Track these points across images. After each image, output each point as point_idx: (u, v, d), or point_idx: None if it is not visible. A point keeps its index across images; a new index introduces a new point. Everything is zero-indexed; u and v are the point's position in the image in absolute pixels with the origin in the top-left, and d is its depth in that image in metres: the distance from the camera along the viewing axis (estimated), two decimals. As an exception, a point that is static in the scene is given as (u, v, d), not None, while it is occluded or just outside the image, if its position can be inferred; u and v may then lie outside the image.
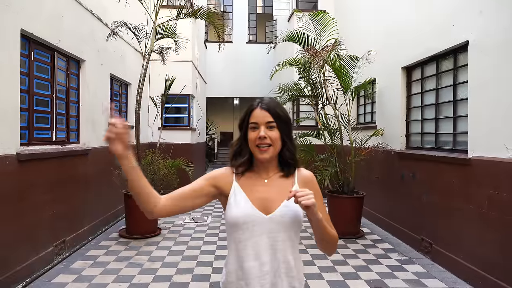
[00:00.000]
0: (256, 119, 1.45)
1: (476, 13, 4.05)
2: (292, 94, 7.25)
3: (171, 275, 4.34)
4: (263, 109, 1.46)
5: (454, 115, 4.61)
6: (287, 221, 1.44)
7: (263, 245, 1.43)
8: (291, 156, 1.51)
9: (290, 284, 1.45)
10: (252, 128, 1.46)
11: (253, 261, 1.43)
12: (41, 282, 4.06)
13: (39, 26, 4.28)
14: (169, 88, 6.83)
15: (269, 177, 1.51)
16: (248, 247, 1.43)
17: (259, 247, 1.43)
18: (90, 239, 5.60)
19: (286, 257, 1.45)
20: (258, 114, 1.46)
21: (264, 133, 1.43)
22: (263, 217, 1.43)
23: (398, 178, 5.85)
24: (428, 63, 5.25)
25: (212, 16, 6.47)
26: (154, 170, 5.98)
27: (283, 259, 1.44)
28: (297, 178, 1.53)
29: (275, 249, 1.43)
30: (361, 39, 7.49)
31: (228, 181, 1.51)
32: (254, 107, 1.48)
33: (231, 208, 1.46)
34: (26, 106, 4.22)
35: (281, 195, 1.44)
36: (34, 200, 4.19)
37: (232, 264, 1.46)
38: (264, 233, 1.43)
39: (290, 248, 1.46)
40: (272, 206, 1.44)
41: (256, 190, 1.48)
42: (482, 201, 3.90)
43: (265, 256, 1.43)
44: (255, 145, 1.45)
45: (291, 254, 1.46)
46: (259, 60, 15.97)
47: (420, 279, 4.27)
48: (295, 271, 1.46)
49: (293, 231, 1.47)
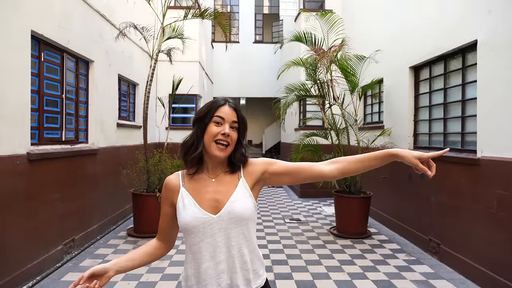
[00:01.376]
0: (223, 115, 1.46)
1: (485, 12, 4.02)
2: (299, 94, 7.26)
3: (179, 274, 4.37)
4: (232, 107, 1.48)
5: (463, 115, 4.59)
6: (236, 217, 1.44)
7: (217, 245, 1.44)
8: (241, 159, 1.52)
9: (245, 277, 1.45)
10: (215, 123, 1.46)
11: (209, 262, 1.44)
12: (50, 280, 4.11)
13: (49, 27, 4.33)
14: (177, 88, 6.87)
15: (216, 176, 1.51)
16: (202, 249, 1.44)
17: (212, 247, 1.44)
18: (98, 237, 5.66)
19: (240, 252, 1.45)
20: (227, 111, 1.47)
21: (228, 130, 1.45)
22: (211, 217, 1.43)
23: (405, 178, 5.83)
24: (436, 63, 5.23)
25: (219, 16, 6.49)
26: (161, 169, 6.02)
27: (237, 255, 1.44)
28: (242, 171, 1.53)
29: (229, 246, 1.44)
30: (369, 39, 7.47)
31: (175, 190, 1.52)
32: (222, 104, 1.49)
33: (180, 214, 1.46)
34: (36, 106, 4.27)
35: (228, 192, 1.46)
36: (44, 199, 4.25)
37: (190, 268, 1.47)
38: (215, 232, 1.44)
39: (244, 242, 1.46)
40: (220, 205, 1.45)
41: (205, 191, 1.48)
42: (491, 201, 3.87)
43: (219, 255, 1.44)
44: (213, 139, 1.45)
45: (246, 247, 1.46)
46: (265, 60, 15.99)
47: (428, 279, 4.25)
48: (249, 264, 1.46)
49: (245, 225, 1.46)
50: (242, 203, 1.45)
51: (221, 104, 1.48)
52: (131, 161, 6.51)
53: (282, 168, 1.53)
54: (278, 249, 5.33)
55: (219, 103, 1.49)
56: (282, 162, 1.55)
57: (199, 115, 1.50)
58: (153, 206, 5.80)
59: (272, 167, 1.53)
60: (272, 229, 6.46)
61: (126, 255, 1.52)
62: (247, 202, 1.46)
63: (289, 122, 10.60)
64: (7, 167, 3.59)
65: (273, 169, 1.53)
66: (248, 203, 1.47)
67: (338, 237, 5.93)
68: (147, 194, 5.84)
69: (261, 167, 1.53)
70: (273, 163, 1.55)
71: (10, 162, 3.62)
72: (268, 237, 5.92)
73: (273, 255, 5.05)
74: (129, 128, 7.26)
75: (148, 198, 5.80)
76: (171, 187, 1.53)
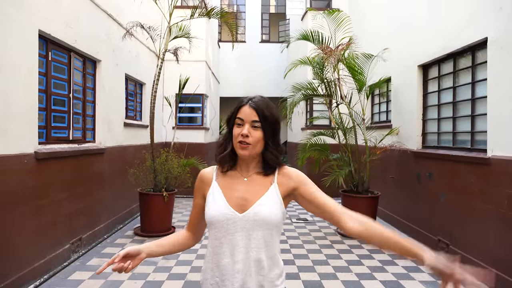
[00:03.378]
0: (242, 116, 1.46)
1: (496, 9, 3.95)
2: (306, 93, 7.22)
3: (186, 273, 4.37)
4: (251, 107, 1.46)
5: (472, 114, 4.52)
6: (261, 220, 1.43)
7: (237, 244, 1.44)
8: (273, 158, 1.49)
9: (259, 283, 1.43)
10: (237, 124, 1.47)
11: (228, 258, 1.44)
12: (58, 278, 4.12)
13: (57, 27, 4.35)
14: (183, 88, 6.87)
15: (249, 176, 1.51)
16: (223, 244, 1.45)
17: (232, 245, 1.44)
18: (106, 236, 5.68)
19: (258, 256, 1.43)
20: (246, 111, 1.46)
21: (247, 131, 1.43)
22: (236, 216, 1.44)
23: (414, 177, 5.77)
24: (445, 61, 5.16)
25: (226, 15, 6.48)
26: (168, 169, 6.02)
27: (254, 258, 1.43)
28: (276, 177, 1.51)
29: (248, 247, 1.43)
30: (376, 37, 7.41)
31: (208, 183, 1.54)
32: (243, 104, 1.48)
33: (208, 207, 1.48)
34: (44, 105, 4.29)
35: (258, 193, 1.46)
36: (52, 198, 4.27)
37: (209, 261, 1.49)
38: (237, 231, 1.44)
39: (264, 247, 1.44)
40: (248, 205, 1.45)
41: (235, 188, 1.49)
42: (502, 201, 3.81)
43: (238, 254, 1.43)
44: (237, 141, 1.45)
45: (264, 253, 1.44)
46: (272, 60, 15.96)
47: (437, 280, 4.20)
48: (266, 271, 1.44)
49: (268, 230, 1.45)
50: (270, 207, 1.44)
51: (242, 105, 1.48)
52: (138, 160, 6.53)
53: (310, 196, 1.48)
54: (285, 249, 5.31)
55: (241, 103, 1.50)
56: (312, 189, 1.49)
57: (228, 117, 1.53)
58: (159, 205, 5.81)
59: (303, 188, 1.49)
60: (278, 228, 6.43)
61: (156, 241, 1.53)
62: (275, 208, 1.45)
63: (296, 121, 10.56)
64: (15, 166, 3.60)
65: (302, 191, 1.49)
66: (276, 209, 1.45)
67: (345, 237, 5.88)
68: (154, 194, 5.84)
69: (294, 183, 1.49)
70: (305, 184, 1.50)
71: (18, 161, 3.64)
72: (275, 237, 5.89)
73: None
74: (136, 127, 7.28)
75: (155, 197, 5.81)
76: (204, 179, 1.56)
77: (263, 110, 1.46)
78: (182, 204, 8.41)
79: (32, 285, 3.81)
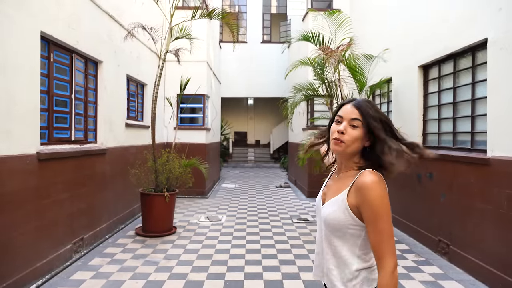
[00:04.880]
0: (342, 113, 1.48)
1: (495, 10, 3.97)
2: (307, 94, 7.24)
3: (187, 273, 4.39)
4: (353, 105, 1.47)
5: (472, 114, 4.53)
6: (325, 218, 1.49)
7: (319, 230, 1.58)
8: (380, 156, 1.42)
9: (326, 274, 1.51)
10: (336, 121, 1.50)
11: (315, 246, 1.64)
12: (60, 278, 4.15)
13: (58, 28, 4.38)
14: (184, 88, 6.89)
15: (340, 173, 1.55)
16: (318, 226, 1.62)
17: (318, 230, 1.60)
18: (107, 237, 5.70)
19: (325, 252, 1.51)
20: (346, 109, 1.48)
21: (343, 128, 1.44)
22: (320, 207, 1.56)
23: (414, 178, 5.78)
24: (445, 61, 5.17)
25: (227, 16, 6.50)
26: (169, 169, 6.04)
27: (326, 250, 1.51)
28: (353, 182, 1.43)
29: (321, 239, 1.54)
30: (377, 38, 7.42)
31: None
32: (346, 103, 1.52)
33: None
34: (46, 106, 4.32)
35: (335, 193, 1.50)
36: (53, 198, 4.29)
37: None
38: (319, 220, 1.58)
39: (328, 245, 1.49)
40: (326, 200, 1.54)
41: (329, 182, 1.61)
42: (502, 202, 3.82)
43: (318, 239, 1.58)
44: (332, 137, 1.48)
45: (330, 249, 1.49)
46: (273, 60, 15.98)
47: (437, 280, 4.21)
48: (332, 265, 1.48)
49: (330, 231, 1.47)
50: (332, 211, 1.46)
51: (345, 103, 1.52)
52: (140, 160, 6.56)
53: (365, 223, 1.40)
54: (285, 249, 5.32)
55: (343, 102, 1.54)
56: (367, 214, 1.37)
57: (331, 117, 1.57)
58: (161, 205, 5.84)
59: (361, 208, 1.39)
60: (279, 229, 6.45)
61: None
62: (338, 213, 1.44)
63: (296, 122, 10.58)
64: (18, 167, 3.63)
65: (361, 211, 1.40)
66: (338, 215, 1.43)
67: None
68: (155, 194, 5.87)
69: (356, 198, 1.40)
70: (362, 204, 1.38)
71: (20, 162, 3.67)
72: (276, 237, 5.91)
73: (280, 255, 5.04)
74: (137, 128, 7.30)
75: (156, 197, 5.84)
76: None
77: (367, 108, 1.45)
78: (183, 204, 8.44)
79: (34, 285, 3.84)
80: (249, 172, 16.13)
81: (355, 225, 1.42)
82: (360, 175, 1.41)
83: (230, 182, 12.69)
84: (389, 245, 1.32)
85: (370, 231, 1.35)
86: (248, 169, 17.20)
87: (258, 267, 4.61)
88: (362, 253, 1.44)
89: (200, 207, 8.18)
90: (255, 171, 16.38)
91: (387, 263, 1.31)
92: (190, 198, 9.14)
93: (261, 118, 20.85)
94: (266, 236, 5.95)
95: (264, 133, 20.89)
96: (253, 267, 4.59)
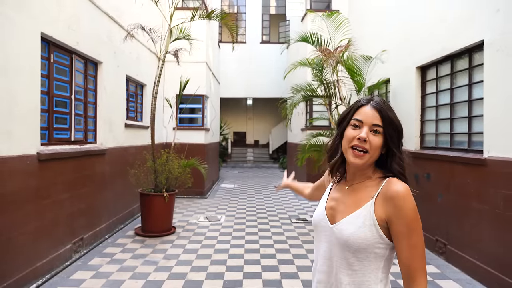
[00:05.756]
0: (362, 117, 1.27)
1: (493, 11, 4.00)
2: (306, 94, 7.28)
3: (186, 273, 4.42)
4: (374, 108, 1.27)
5: (469, 115, 4.57)
6: (342, 240, 1.25)
7: (323, 254, 1.33)
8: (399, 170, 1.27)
9: None
10: (353, 126, 1.28)
11: (316, 265, 1.37)
12: (60, 278, 4.17)
13: (59, 29, 4.40)
14: (184, 89, 6.92)
15: (352, 185, 1.33)
16: (316, 250, 1.39)
17: (319, 253, 1.35)
18: (107, 236, 5.73)
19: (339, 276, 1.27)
20: (366, 112, 1.27)
21: (365, 134, 1.24)
22: (327, 225, 1.32)
23: (412, 178, 5.80)
24: (443, 63, 5.21)
25: (226, 17, 6.53)
26: (169, 169, 6.07)
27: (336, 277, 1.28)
28: (379, 192, 1.25)
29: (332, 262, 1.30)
30: (375, 39, 7.46)
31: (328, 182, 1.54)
32: (362, 104, 1.30)
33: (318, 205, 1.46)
34: (46, 107, 4.34)
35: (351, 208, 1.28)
36: (53, 199, 4.32)
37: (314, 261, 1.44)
38: (323, 241, 1.33)
39: (346, 270, 1.25)
40: (337, 217, 1.30)
41: (336, 196, 1.36)
42: (498, 202, 3.86)
43: (323, 265, 1.32)
44: (350, 145, 1.27)
45: (346, 276, 1.25)
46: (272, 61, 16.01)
47: (435, 280, 4.24)
48: None
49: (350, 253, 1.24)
50: (356, 228, 1.23)
51: (362, 104, 1.30)
52: (139, 161, 6.58)
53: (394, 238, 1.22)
54: (284, 248, 5.36)
55: (360, 103, 1.31)
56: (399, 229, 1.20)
57: (340, 117, 1.36)
58: (160, 205, 5.87)
59: (393, 223, 1.21)
60: (278, 228, 6.48)
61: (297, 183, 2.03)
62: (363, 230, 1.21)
63: (295, 122, 10.61)
64: (18, 167, 3.66)
65: (391, 226, 1.22)
66: (365, 233, 1.21)
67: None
68: (154, 194, 5.90)
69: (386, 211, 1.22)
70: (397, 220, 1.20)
71: (21, 162, 3.69)
72: (275, 237, 5.95)
73: (279, 255, 5.07)
74: (137, 128, 7.33)
75: (156, 197, 5.86)
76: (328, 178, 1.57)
77: (388, 112, 1.27)
78: (182, 204, 8.47)
79: (34, 285, 3.87)
80: (248, 172, 16.15)
81: (382, 243, 1.22)
82: (388, 183, 1.24)
83: (229, 182, 12.71)
84: (422, 261, 1.18)
85: (402, 246, 1.19)
86: (247, 169, 17.23)
87: (257, 266, 4.64)
88: (384, 276, 1.26)
89: (199, 207, 8.21)
90: (254, 171, 16.41)
91: (421, 283, 1.17)
92: (189, 198, 9.16)
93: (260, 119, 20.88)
94: (265, 236, 5.99)
95: (263, 133, 20.92)
96: (252, 267, 4.62)
